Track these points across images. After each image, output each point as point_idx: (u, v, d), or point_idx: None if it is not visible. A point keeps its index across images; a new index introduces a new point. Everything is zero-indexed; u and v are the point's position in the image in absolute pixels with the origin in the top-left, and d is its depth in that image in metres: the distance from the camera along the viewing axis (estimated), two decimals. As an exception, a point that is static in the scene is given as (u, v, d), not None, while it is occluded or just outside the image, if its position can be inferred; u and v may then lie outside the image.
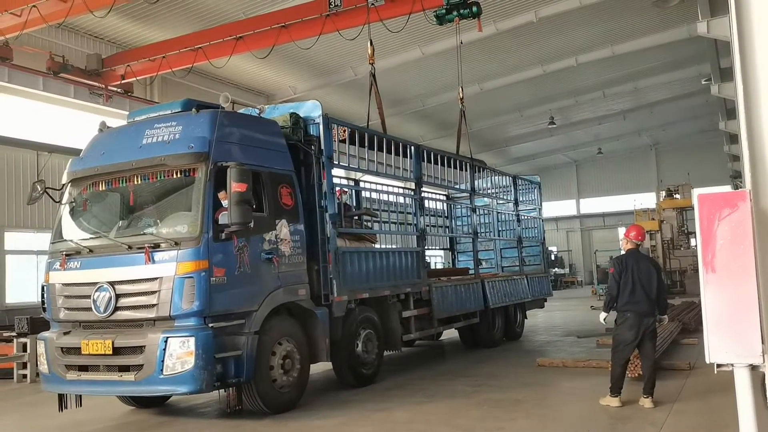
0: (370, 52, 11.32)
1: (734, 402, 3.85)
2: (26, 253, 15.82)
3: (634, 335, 7.22)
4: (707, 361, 3.84)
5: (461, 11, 12.50)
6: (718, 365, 3.79)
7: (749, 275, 3.58)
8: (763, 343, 3.59)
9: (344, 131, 9.33)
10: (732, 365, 3.70)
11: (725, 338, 3.65)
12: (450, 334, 13.85)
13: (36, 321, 11.28)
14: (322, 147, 8.62)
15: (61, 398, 7.61)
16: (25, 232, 15.79)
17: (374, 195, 11.28)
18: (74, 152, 15.37)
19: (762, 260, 3.61)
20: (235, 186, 6.75)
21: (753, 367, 3.68)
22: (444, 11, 12.66)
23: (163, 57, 16.19)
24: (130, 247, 6.93)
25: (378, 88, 12.17)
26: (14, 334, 11.46)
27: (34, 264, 15.88)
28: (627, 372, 7.65)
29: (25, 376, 11.13)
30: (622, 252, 7.88)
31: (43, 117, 16.51)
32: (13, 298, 15.42)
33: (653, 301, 7.31)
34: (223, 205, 7.05)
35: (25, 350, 11.14)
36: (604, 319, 7.68)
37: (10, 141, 15.46)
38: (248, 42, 15.22)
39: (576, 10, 18.15)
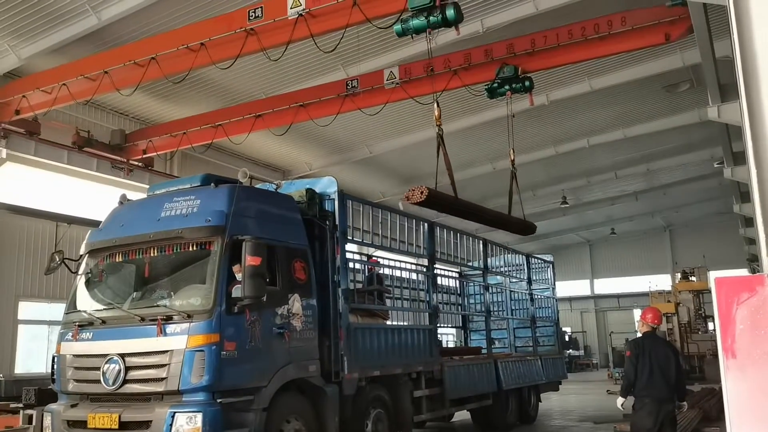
0: (437, 114, 11.09)
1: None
2: (39, 323, 15.80)
3: (653, 422, 7.01)
4: (731, 451, 3.70)
5: (513, 85, 12.56)
6: (743, 455, 3.66)
7: (771, 361, 3.51)
8: (789, 432, 3.48)
9: (421, 193, 9.25)
10: (757, 456, 3.57)
11: (750, 427, 3.54)
12: (461, 415, 13.49)
13: (44, 392, 11.12)
14: (337, 222, 8.71)
15: (64, 474, 7.43)
16: (38, 302, 15.83)
17: (387, 271, 11.26)
18: (93, 224, 15.56)
19: (783, 346, 3.54)
20: (249, 259, 6.80)
21: (779, 458, 3.54)
22: (496, 85, 12.71)
23: (184, 133, 16.66)
24: (142, 319, 6.93)
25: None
26: (21, 405, 11.28)
27: (45, 334, 15.85)
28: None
29: (28, 449, 10.88)
30: (638, 335, 7.74)
31: (63, 188, 16.84)
32: (22, 368, 15.30)
33: (672, 387, 7.14)
34: (237, 278, 7.07)
35: (30, 422, 10.91)
36: (622, 405, 7.48)
37: (29, 211, 15.73)
38: (267, 120, 15.66)
39: (587, 93, 18.58)
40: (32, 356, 15.57)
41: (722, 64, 12.65)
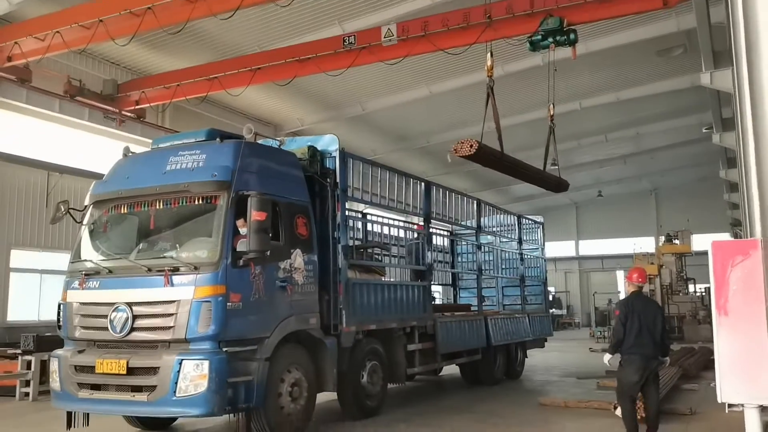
0: (489, 64, 10.69)
1: (740, 445, 3.98)
2: (31, 271, 15.90)
3: (639, 377, 7.30)
4: (719, 401, 3.98)
5: (557, 38, 12.08)
6: (730, 405, 3.94)
7: (760, 320, 3.76)
8: (773, 385, 3.75)
9: (471, 146, 9.19)
10: (742, 406, 3.85)
11: (737, 379, 3.81)
12: (449, 370, 13.90)
13: (42, 339, 11.36)
14: (338, 180, 8.85)
15: (69, 416, 7.67)
16: (30, 250, 15.89)
17: (384, 229, 11.47)
18: (84, 174, 15.75)
19: (772, 306, 3.79)
20: (255, 214, 6.95)
21: (763, 408, 3.83)
22: (540, 37, 12.21)
23: (178, 85, 16.52)
24: (149, 270, 7.09)
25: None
26: (19, 351, 11.50)
27: (37, 283, 15.98)
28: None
29: (27, 394, 11.14)
30: (621, 295, 7.92)
31: (55, 138, 16.74)
32: (14, 316, 15.46)
33: (658, 344, 7.42)
34: (241, 232, 7.24)
35: (29, 368, 11.17)
36: (609, 361, 7.73)
37: (21, 160, 15.67)
38: (269, 72, 15.45)
39: (582, 56, 18.57)
40: (24, 304, 15.69)
41: (716, 30, 12.74)
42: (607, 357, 7.68)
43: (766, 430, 4.10)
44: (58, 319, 7.73)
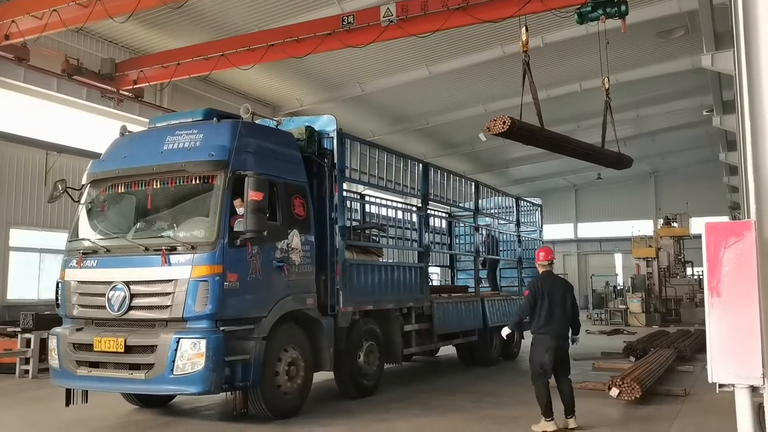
0: (524, 39, 10.35)
1: (729, 427, 4.02)
2: (30, 250, 15.93)
3: (550, 357, 7.27)
4: (710, 381, 4.02)
5: (607, 9, 11.50)
6: (720, 385, 3.98)
7: (752, 301, 3.78)
8: (763, 366, 3.78)
9: (504, 123, 9.06)
10: (733, 386, 3.89)
11: (728, 360, 3.84)
12: (446, 350, 13.99)
13: (41, 317, 11.43)
14: (335, 161, 8.84)
15: (69, 393, 7.74)
16: (29, 229, 15.91)
17: (382, 210, 11.48)
18: (83, 153, 15.73)
19: (765, 287, 3.81)
20: (252, 194, 6.96)
21: (753, 389, 3.87)
22: (589, 8, 11.63)
23: (177, 64, 16.42)
24: (147, 249, 7.12)
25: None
26: (19, 329, 11.57)
27: (36, 262, 16.03)
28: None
29: (26, 371, 11.23)
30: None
31: (53, 117, 16.69)
32: (13, 294, 15.52)
33: (568, 323, 7.45)
34: (238, 212, 7.26)
35: (28, 346, 11.24)
36: (506, 335, 7.96)
37: (19, 139, 15.63)
38: (276, 52, 15.31)
39: (580, 37, 18.45)
40: (23, 283, 15.75)
41: (718, 11, 12.64)
42: (505, 331, 7.93)
43: (757, 410, 4.15)
44: (57, 298, 7.77)
